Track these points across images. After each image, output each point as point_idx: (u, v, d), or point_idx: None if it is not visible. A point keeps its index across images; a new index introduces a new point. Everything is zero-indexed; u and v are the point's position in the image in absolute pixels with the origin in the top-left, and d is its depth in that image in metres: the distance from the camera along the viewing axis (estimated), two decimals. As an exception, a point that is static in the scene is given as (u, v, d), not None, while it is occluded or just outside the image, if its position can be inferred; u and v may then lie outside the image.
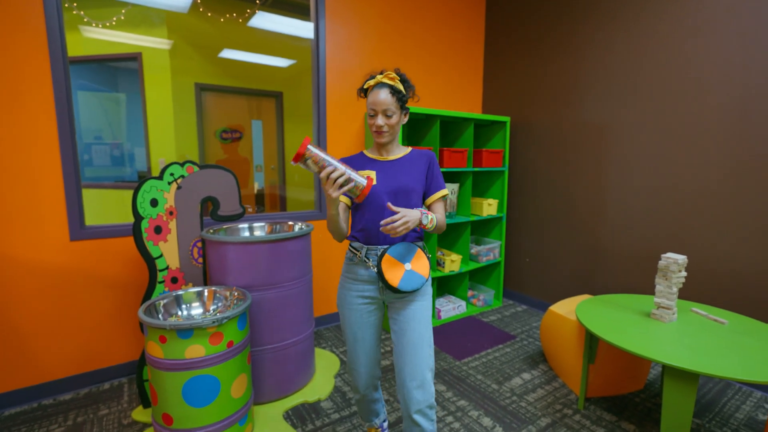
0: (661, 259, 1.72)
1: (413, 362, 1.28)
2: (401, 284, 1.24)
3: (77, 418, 1.85)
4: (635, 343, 1.52)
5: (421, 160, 1.41)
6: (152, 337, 1.45)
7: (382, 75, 1.32)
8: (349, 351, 1.44)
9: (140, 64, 2.61)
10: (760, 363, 1.38)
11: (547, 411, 1.93)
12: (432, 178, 1.40)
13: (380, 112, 1.30)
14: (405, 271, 1.27)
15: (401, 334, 1.33)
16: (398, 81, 1.33)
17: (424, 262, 1.32)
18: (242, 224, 2.20)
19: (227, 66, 2.78)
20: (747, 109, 2.07)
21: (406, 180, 1.35)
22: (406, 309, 1.33)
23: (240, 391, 1.60)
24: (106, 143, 2.37)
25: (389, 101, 1.29)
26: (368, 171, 1.37)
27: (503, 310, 3.26)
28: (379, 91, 1.29)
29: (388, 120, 1.31)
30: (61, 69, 1.92)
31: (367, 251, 1.34)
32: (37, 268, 1.92)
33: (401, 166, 1.39)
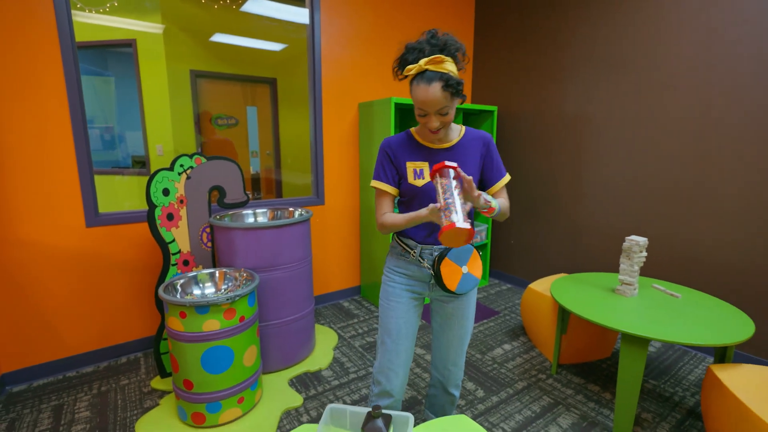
0: (625, 241, 1.93)
1: (458, 352, 1.37)
2: (459, 288, 1.22)
3: (101, 387, 2.05)
4: (599, 315, 1.74)
5: (477, 144, 1.24)
6: (173, 313, 1.63)
7: (426, 59, 1.04)
8: (389, 349, 1.31)
9: (135, 51, 2.69)
10: (702, 329, 1.61)
11: (523, 376, 2.17)
12: (491, 164, 1.25)
13: (433, 113, 1.10)
14: (462, 274, 1.23)
15: (449, 327, 1.34)
16: (446, 61, 1.05)
17: (478, 262, 1.27)
18: (246, 210, 2.36)
19: (221, 51, 2.83)
20: (709, 106, 2.26)
21: (466, 170, 1.22)
22: (455, 303, 1.32)
23: (251, 360, 1.80)
24: (97, 127, 2.33)
25: (443, 98, 1.06)
26: (419, 163, 1.22)
27: (489, 288, 3.49)
28: (427, 88, 1.05)
29: (444, 118, 1.12)
30: (71, 57, 2.00)
31: (421, 251, 1.26)
32: (57, 253, 2.08)
33: (456, 154, 1.23)
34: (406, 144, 1.24)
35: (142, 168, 2.62)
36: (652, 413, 1.87)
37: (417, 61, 1.08)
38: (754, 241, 2.16)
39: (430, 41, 1.08)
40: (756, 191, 2.13)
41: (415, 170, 1.23)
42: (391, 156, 1.25)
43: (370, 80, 3.09)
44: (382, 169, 1.26)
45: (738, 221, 2.21)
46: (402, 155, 1.24)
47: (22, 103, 1.93)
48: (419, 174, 1.22)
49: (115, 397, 1.96)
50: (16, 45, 1.89)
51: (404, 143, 1.25)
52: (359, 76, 3.03)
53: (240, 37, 2.84)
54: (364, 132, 2.99)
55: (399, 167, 1.25)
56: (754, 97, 2.10)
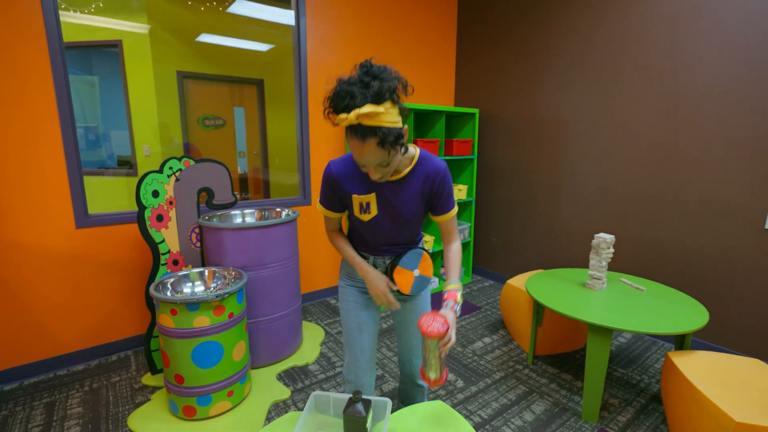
0: (594, 238, 2.06)
1: (419, 346, 1.43)
2: (413, 290, 1.29)
3: (93, 384, 2.10)
4: (569, 308, 1.86)
5: (427, 180, 1.19)
6: (164, 311, 1.70)
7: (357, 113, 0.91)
8: (353, 349, 1.37)
9: (121, 52, 2.71)
10: (661, 319, 1.74)
11: (501, 367, 2.29)
12: (439, 199, 1.22)
13: (370, 167, 1.05)
14: (415, 277, 1.29)
15: (408, 322, 1.41)
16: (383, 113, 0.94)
17: (428, 263, 1.32)
18: (234, 211, 2.43)
19: (208, 52, 2.84)
20: (674, 112, 2.40)
21: (408, 209, 1.22)
22: (412, 301, 1.39)
23: (240, 355, 1.88)
24: (81, 126, 2.33)
25: (380, 154, 1.00)
26: (366, 196, 1.20)
27: (472, 285, 3.61)
28: (362, 144, 0.97)
29: (385, 169, 1.07)
30: (59, 59, 2.03)
31: (374, 260, 1.32)
32: (47, 254, 2.12)
33: (405, 188, 1.19)
34: (351, 172, 1.19)
35: (129, 169, 2.66)
36: (619, 399, 2.00)
37: (349, 109, 0.94)
38: (712, 238, 2.31)
39: (362, 81, 0.94)
40: (714, 193, 2.28)
41: (361, 204, 1.21)
42: (335, 187, 1.23)
43: (356, 83, 3.17)
44: (326, 196, 1.26)
45: (698, 221, 2.36)
46: (347, 185, 1.20)
47: (10, 104, 1.96)
48: (366, 209, 1.21)
49: (107, 394, 2.02)
50: (3, 46, 1.92)
51: (349, 171, 1.19)
52: (345, 80, 3.11)
53: (227, 37, 2.88)
54: (350, 134, 3.07)
55: (343, 197, 1.24)
56: (715, 104, 2.24)
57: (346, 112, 0.94)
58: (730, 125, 2.20)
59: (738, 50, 2.14)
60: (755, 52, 2.08)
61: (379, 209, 1.21)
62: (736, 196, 2.22)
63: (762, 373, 1.56)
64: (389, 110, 0.96)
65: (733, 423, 1.29)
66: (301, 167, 3.07)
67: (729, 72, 2.18)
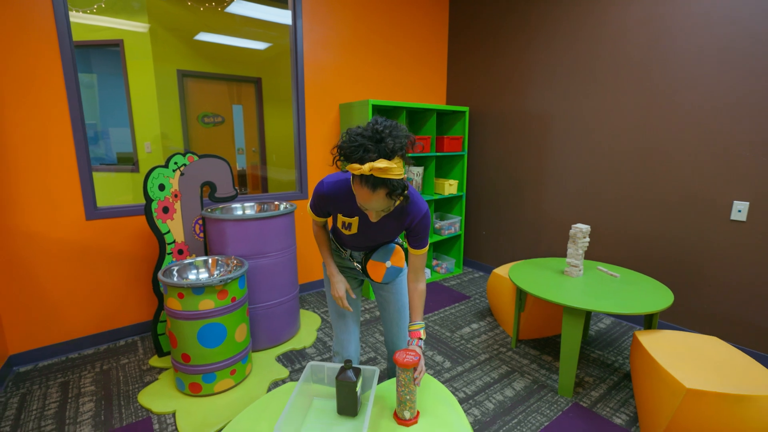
0: (571, 228, 2.21)
1: (399, 324, 1.60)
2: (385, 278, 1.47)
3: (103, 366, 2.24)
4: (547, 293, 2.02)
5: (408, 219, 1.32)
6: (172, 294, 1.84)
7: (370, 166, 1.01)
8: (339, 325, 1.55)
9: (122, 51, 2.83)
10: (630, 302, 1.90)
11: (486, 350, 2.44)
12: (416, 237, 1.35)
13: (372, 211, 1.17)
14: (387, 267, 1.45)
15: (387, 304, 1.58)
16: (392, 169, 1.04)
17: (400, 255, 1.47)
18: (235, 204, 2.56)
19: (207, 51, 2.95)
20: (650, 110, 2.55)
21: (386, 234, 1.37)
22: (388, 287, 1.56)
23: (242, 336, 2.02)
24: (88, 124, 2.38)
25: (385, 202, 1.11)
26: (350, 219, 1.33)
27: (462, 276, 3.77)
28: (371, 193, 1.07)
29: (383, 213, 1.20)
30: (69, 57, 2.16)
31: (351, 253, 1.50)
32: (59, 245, 2.25)
33: (387, 220, 1.33)
34: (343, 196, 1.29)
35: (131, 165, 2.78)
36: (594, 377, 2.16)
37: (363, 161, 1.03)
38: (682, 229, 2.47)
39: (375, 137, 1.05)
40: (685, 187, 2.44)
41: (344, 222, 1.36)
42: (325, 204, 1.35)
43: (350, 82, 3.31)
44: (315, 205, 1.38)
45: (670, 213, 2.51)
46: (336, 206, 1.32)
47: (23, 101, 2.09)
48: (347, 226, 1.37)
49: (117, 374, 2.16)
50: (16, 45, 2.04)
51: (340, 195, 1.29)
52: (339, 79, 3.25)
53: (225, 36, 2.99)
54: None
55: (331, 212, 1.40)
56: (686, 104, 2.40)
57: (360, 164, 1.04)
58: (700, 124, 2.35)
59: (706, 53, 2.29)
60: (723, 54, 2.24)
61: (360, 230, 1.37)
62: (704, 191, 2.37)
63: (718, 348, 1.72)
64: (398, 165, 1.07)
65: (684, 389, 1.44)
66: (298, 163, 3.21)
67: (698, 74, 2.33)
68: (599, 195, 2.86)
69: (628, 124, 2.67)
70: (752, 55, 2.14)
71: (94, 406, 1.91)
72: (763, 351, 2.26)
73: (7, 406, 1.91)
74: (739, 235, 2.27)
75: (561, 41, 2.97)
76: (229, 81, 3.37)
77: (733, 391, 1.40)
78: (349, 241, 1.45)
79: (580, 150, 2.94)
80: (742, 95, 2.19)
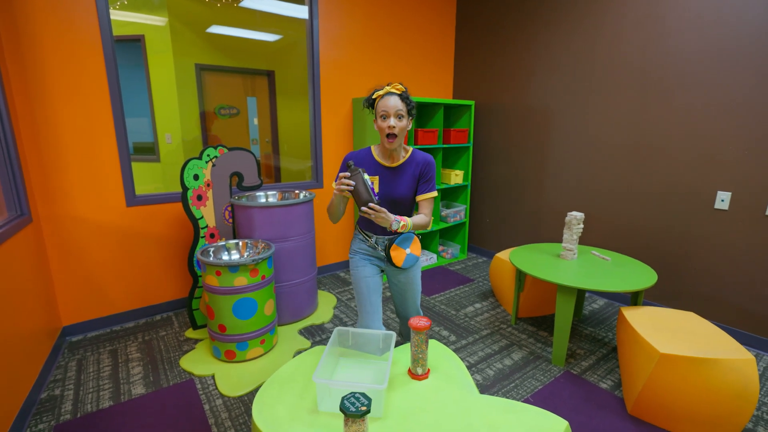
0: (567, 216, 2.42)
1: (414, 306, 1.86)
2: (404, 264, 1.67)
3: (144, 337, 2.51)
4: (543, 273, 2.24)
5: (417, 166, 1.63)
6: (210, 272, 2.09)
7: (390, 86, 1.55)
8: (364, 301, 1.71)
9: (143, 45, 3.03)
10: (617, 281, 2.12)
11: (488, 326, 2.68)
12: (423, 182, 1.63)
13: (393, 114, 1.50)
14: (406, 254, 1.67)
15: (403, 291, 1.80)
16: (405, 92, 1.55)
17: (418, 245, 1.70)
18: (259, 192, 2.80)
19: (223, 45, 3.10)
20: (643, 105, 2.74)
21: (401, 190, 1.62)
22: (406, 274, 1.76)
23: (270, 310, 2.28)
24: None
25: (400, 105, 1.51)
26: (372, 177, 1.62)
27: (467, 261, 4.00)
28: (389, 98, 1.51)
29: (399, 122, 1.51)
30: (111, 53, 2.36)
31: (376, 239, 1.71)
32: (103, 229, 2.50)
33: (401, 173, 1.62)
34: (365, 159, 1.64)
35: (152, 155, 2.97)
36: (584, 350, 2.40)
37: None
38: (671, 217, 2.67)
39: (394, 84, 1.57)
40: (674, 178, 2.64)
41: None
42: None
43: (362, 77, 3.50)
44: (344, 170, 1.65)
45: (660, 202, 2.72)
46: (362, 165, 1.65)
47: (70, 95, 2.31)
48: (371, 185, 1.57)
49: (159, 344, 2.43)
50: (66, 45, 2.25)
51: (364, 159, 1.65)
52: (352, 74, 3.44)
53: (240, 29, 3.11)
54: (357, 124, 3.42)
55: None
56: (678, 99, 2.58)
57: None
58: (689, 120, 2.54)
59: (697, 53, 2.46)
60: (712, 55, 2.41)
61: (381, 188, 1.62)
62: (690, 182, 2.57)
63: (693, 321, 1.95)
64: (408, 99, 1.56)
65: (658, 354, 1.67)
66: (314, 154, 3.43)
67: (689, 73, 2.51)
68: (594, 185, 3.06)
69: (622, 119, 2.85)
70: (738, 55, 2.31)
71: (142, 369, 2.18)
72: (737, 327, 2.48)
73: (67, 369, 2.18)
74: (722, 223, 2.47)
75: (562, 39, 3.14)
76: (244, 74, 3.56)
77: (700, 355, 1.63)
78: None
79: (578, 143, 3.13)
80: (728, 93, 2.37)
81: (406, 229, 1.54)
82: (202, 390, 2.01)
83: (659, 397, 1.73)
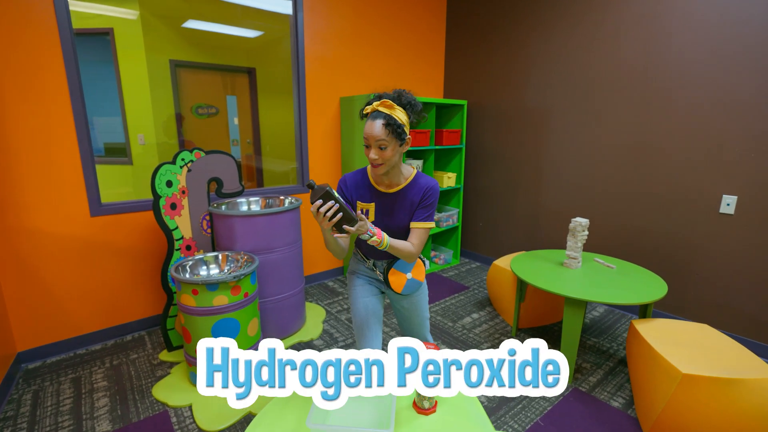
0: (571, 222, 2.30)
1: (421, 335, 1.65)
2: (404, 290, 1.48)
3: (113, 361, 2.26)
4: (548, 284, 2.10)
5: (419, 192, 1.38)
6: (186, 291, 1.86)
7: (378, 102, 1.27)
8: (362, 326, 1.51)
9: (112, 40, 2.77)
10: (627, 292, 2.00)
11: (488, 338, 2.54)
12: (420, 207, 1.39)
13: (373, 145, 1.26)
14: (407, 279, 1.47)
15: (408, 317, 1.61)
16: (396, 108, 1.26)
17: (421, 269, 1.51)
18: (240, 199, 2.57)
19: (199, 39, 2.88)
20: (644, 105, 2.64)
21: (399, 219, 1.40)
22: (410, 300, 1.57)
23: (254, 331, 2.06)
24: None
25: (382, 133, 1.23)
26: (366, 204, 1.41)
27: (460, 266, 3.86)
28: (373, 122, 1.25)
29: (382, 153, 1.26)
30: (70, 47, 2.10)
31: (374, 262, 1.52)
32: (65, 241, 2.24)
33: (399, 201, 1.39)
34: (360, 183, 1.43)
35: (123, 157, 2.72)
36: (590, 363, 2.28)
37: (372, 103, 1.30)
38: (674, 221, 2.59)
39: (394, 93, 1.31)
40: (677, 181, 2.55)
41: (362, 210, 1.42)
42: (346, 193, 1.45)
43: (350, 75, 3.31)
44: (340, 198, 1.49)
45: (663, 206, 2.63)
46: (355, 194, 1.43)
47: (25, 93, 2.04)
48: (365, 214, 1.42)
49: (128, 369, 2.18)
50: (16, 35, 1.99)
51: (359, 182, 1.43)
52: (339, 72, 3.24)
53: (219, 24, 2.88)
54: (346, 125, 3.22)
55: (352, 203, 1.45)
56: (679, 101, 2.49)
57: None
58: (692, 121, 2.45)
59: (699, 52, 2.37)
60: (715, 53, 2.32)
61: (376, 216, 1.42)
62: (694, 185, 2.48)
63: (708, 334, 1.84)
64: (402, 112, 1.28)
65: (680, 374, 1.55)
66: (299, 156, 3.22)
67: (692, 72, 2.42)
68: (594, 188, 2.96)
69: (622, 119, 2.75)
70: (742, 55, 2.23)
71: (109, 401, 1.94)
72: (748, 336, 2.40)
73: (21, 403, 1.92)
74: (727, 228, 2.39)
75: (559, 36, 3.02)
76: (223, 71, 3.33)
77: (725, 375, 1.51)
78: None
79: (576, 144, 3.02)
80: (732, 93, 2.29)
81: (379, 246, 1.28)
82: (178, 424, 1.79)
83: (681, 419, 1.60)
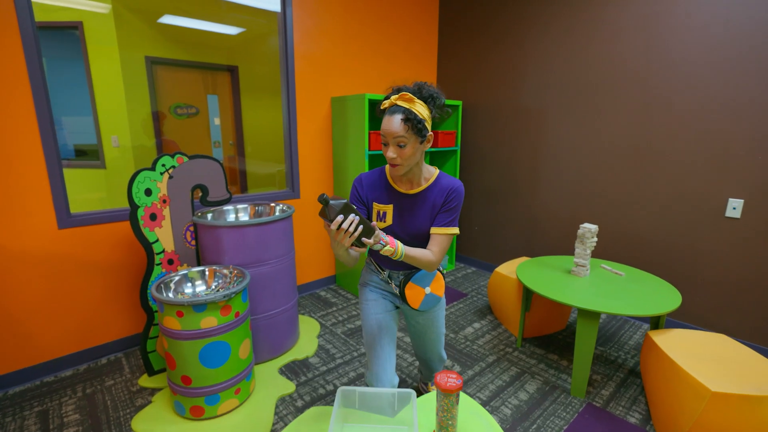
0: (579, 228, 2.20)
1: (436, 351, 1.60)
2: (422, 306, 1.37)
3: (86, 389, 2.03)
4: (559, 294, 2.00)
5: (439, 195, 1.26)
6: (169, 313, 1.67)
7: (397, 95, 1.16)
8: (374, 344, 1.38)
9: (81, 34, 2.54)
10: (640, 302, 1.91)
11: (493, 350, 2.42)
12: (442, 211, 1.26)
13: (391, 142, 1.17)
14: (426, 294, 1.35)
15: (422, 333, 1.52)
16: (416, 102, 1.15)
17: (440, 283, 1.40)
18: (228, 207, 2.38)
19: (178, 36, 2.70)
20: (645, 106, 2.58)
21: (419, 222, 1.28)
22: (426, 315, 1.47)
23: (245, 353, 1.88)
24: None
25: (401, 130, 1.13)
26: (384, 206, 1.30)
27: (456, 272, 3.74)
28: (391, 118, 1.15)
29: (401, 151, 1.16)
30: (32, 42, 1.90)
31: (390, 273, 1.39)
32: (28, 257, 2.00)
33: (420, 203, 1.27)
34: (377, 183, 1.32)
35: (95, 160, 2.49)
36: (601, 374, 2.19)
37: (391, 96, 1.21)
38: (679, 226, 2.53)
39: (412, 86, 1.20)
40: (680, 184, 2.49)
41: (378, 212, 1.32)
42: (361, 194, 1.35)
43: (341, 75, 3.14)
44: (353, 196, 1.38)
45: (667, 209, 2.57)
46: (371, 194, 1.33)
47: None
48: (381, 217, 1.32)
49: (104, 398, 1.96)
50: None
51: (375, 182, 1.32)
52: (330, 71, 3.08)
53: (199, 20, 2.73)
54: (338, 127, 3.06)
55: (367, 204, 1.36)
56: (682, 102, 2.43)
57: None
58: (696, 122, 2.40)
59: (702, 52, 2.32)
60: (718, 54, 2.27)
61: (394, 219, 1.30)
62: (699, 188, 2.43)
63: (728, 346, 1.77)
64: (423, 106, 1.18)
65: (709, 392, 1.46)
66: (288, 159, 3.03)
67: (694, 73, 2.36)
68: (594, 191, 2.89)
69: (623, 121, 2.69)
70: (747, 56, 2.18)
71: (81, 437, 1.72)
72: (759, 343, 2.37)
73: (-23, 444, 1.69)
74: (733, 232, 2.34)
75: (556, 35, 2.94)
76: (204, 69, 3.11)
77: (755, 393, 1.43)
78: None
79: (575, 146, 2.95)
80: (737, 95, 2.24)
81: (394, 256, 1.17)
82: (162, 462, 1.60)
83: (709, 439, 1.52)
